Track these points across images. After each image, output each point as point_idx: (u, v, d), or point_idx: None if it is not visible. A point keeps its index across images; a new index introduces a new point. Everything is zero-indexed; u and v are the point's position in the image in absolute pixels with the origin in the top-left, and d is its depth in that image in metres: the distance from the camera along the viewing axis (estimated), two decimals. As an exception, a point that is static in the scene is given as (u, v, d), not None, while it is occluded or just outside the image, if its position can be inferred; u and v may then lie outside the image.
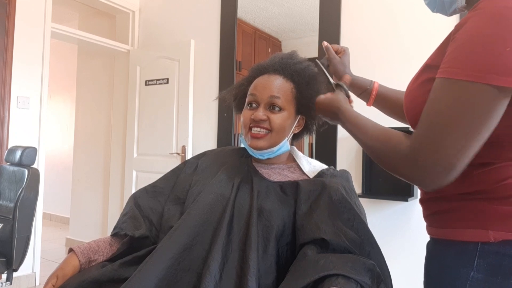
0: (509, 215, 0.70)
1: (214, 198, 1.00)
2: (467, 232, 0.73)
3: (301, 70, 1.08)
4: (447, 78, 0.66)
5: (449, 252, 0.75)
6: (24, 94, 3.00)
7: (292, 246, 0.93)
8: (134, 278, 0.85)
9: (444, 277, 0.75)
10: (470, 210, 0.73)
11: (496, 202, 0.71)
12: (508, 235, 0.69)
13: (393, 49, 2.44)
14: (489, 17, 0.65)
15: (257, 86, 1.07)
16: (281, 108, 1.04)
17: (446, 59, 0.68)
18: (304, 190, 0.98)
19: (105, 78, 4.06)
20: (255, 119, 1.04)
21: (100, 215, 3.99)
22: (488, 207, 0.72)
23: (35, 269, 3.08)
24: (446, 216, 0.77)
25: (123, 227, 1.07)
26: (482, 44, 0.64)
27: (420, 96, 0.74)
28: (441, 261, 0.77)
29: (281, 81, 1.06)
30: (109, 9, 3.77)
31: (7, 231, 2.20)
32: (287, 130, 1.06)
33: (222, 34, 3.21)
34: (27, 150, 2.38)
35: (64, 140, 5.38)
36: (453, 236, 0.75)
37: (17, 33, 2.94)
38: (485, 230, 0.71)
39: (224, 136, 3.16)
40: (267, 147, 1.05)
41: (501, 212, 0.71)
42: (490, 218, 0.71)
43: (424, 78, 0.76)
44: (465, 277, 0.71)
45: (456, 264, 0.73)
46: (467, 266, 0.71)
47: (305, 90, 1.06)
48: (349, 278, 0.77)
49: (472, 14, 0.68)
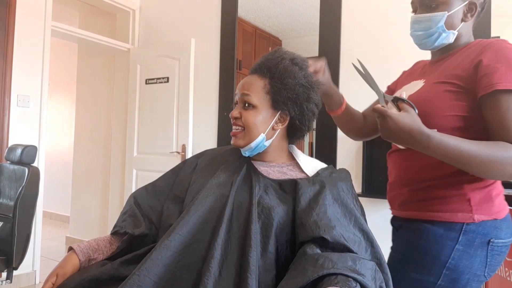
0: (486, 202, 0.99)
1: (213, 196, 1.00)
2: (456, 215, 0.98)
3: (273, 65, 1.08)
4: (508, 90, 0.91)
5: (439, 229, 1.00)
6: (24, 93, 3.00)
7: (291, 244, 0.93)
8: (134, 276, 0.85)
9: (432, 247, 1.00)
10: (459, 198, 0.99)
11: (477, 192, 0.99)
12: (485, 217, 0.98)
13: (393, 48, 2.44)
14: (506, 46, 0.97)
15: (237, 87, 1.12)
16: (252, 105, 1.06)
17: (495, 76, 0.92)
18: (303, 188, 0.98)
19: (106, 76, 4.05)
20: (231, 117, 1.10)
21: (100, 214, 4.00)
22: (473, 195, 0.98)
23: (35, 268, 3.08)
24: (437, 202, 1.01)
25: (123, 226, 1.08)
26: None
27: (438, 101, 1.00)
28: (430, 236, 1.01)
29: (255, 79, 1.09)
30: (110, 7, 3.77)
31: (7, 229, 2.20)
32: (260, 126, 1.06)
33: (222, 33, 3.21)
34: (27, 149, 2.38)
35: (64, 138, 5.38)
36: (443, 218, 1.00)
37: (17, 31, 2.93)
38: (470, 214, 0.98)
39: (224, 134, 3.16)
40: (244, 144, 1.07)
41: (481, 199, 0.99)
42: (474, 205, 0.98)
43: (440, 90, 1.01)
44: (451, 248, 0.98)
45: (444, 239, 0.99)
46: (453, 240, 0.98)
47: (277, 85, 1.06)
48: (349, 277, 0.77)
49: (482, 48, 0.99)
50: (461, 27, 1.06)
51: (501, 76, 0.92)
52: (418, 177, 1.06)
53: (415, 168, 1.07)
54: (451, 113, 0.99)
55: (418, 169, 1.06)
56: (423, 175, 1.05)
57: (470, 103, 0.98)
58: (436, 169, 1.02)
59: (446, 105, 1.00)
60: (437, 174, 1.02)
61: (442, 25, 1.04)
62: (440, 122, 0.99)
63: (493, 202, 1.00)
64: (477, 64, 0.96)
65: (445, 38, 1.06)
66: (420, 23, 1.07)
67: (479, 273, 0.99)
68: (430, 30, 1.05)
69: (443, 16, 1.03)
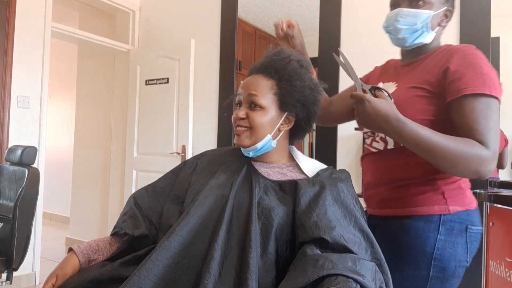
0: (458, 194, 1.07)
1: (213, 197, 1.00)
2: (433, 208, 1.05)
3: (281, 66, 1.07)
4: (476, 94, 0.96)
5: (419, 223, 1.05)
6: (24, 94, 3.00)
7: (291, 244, 0.93)
8: (134, 277, 0.85)
9: (416, 242, 1.05)
10: (434, 192, 1.06)
11: (449, 186, 1.06)
12: (459, 208, 1.06)
13: (393, 48, 2.44)
14: (472, 53, 1.02)
15: (241, 86, 1.10)
16: (260, 106, 1.05)
17: (462, 82, 0.98)
18: (303, 189, 0.98)
19: (105, 77, 4.06)
20: (236, 118, 1.07)
21: (100, 215, 3.99)
22: (446, 189, 1.06)
23: (35, 269, 3.08)
24: (415, 198, 1.07)
25: (122, 226, 1.07)
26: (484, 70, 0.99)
27: (411, 105, 1.05)
28: (412, 230, 1.06)
29: (262, 79, 1.07)
30: (110, 8, 3.77)
31: (7, 230, 2.20)
32: (267, 127, 1.06)
33: (222, 33, 3.21)
34: (27, 150, 2.38)
35: (64, 139, 5.38)
36: (422, 212, 1.05)
37: (17, 32, 2.94)
38: (446, 205, 1.05)
39: (224, 135, 3.16)
40: (249, 144, 1.06)
41: (454, 192, 1.06)
42: (448, 197, 1.05)
43: (412, 94, 1.07)
44: (434, 239, 1.03)
45: (426, 231, 1.04)
46: (434, 232, 1.04)
47: (285, 86, 1.06)
48: (349, 278, 0.77)
49: (450, 55, 1.04)
50: (438, 30, 1.11)
51: (468, 82, 0.98)
52: (393, 177, 1.11)
53: (389, 169, 1.12)
54: (422, 117, 1.04)
55: (393, 170, 1.11)
56: (398, 175, 1.10)
57: (439, 107, 1.04)
58: (411, 169, 1.08)
59: (418, 109, 1.05)
60: (411, 174, 1.08)
61: (427, 23, 1.07)
62: None
63: (464, 194, 1.09)
64: (445, 70, 1.02)
65: (425, 37, 1.09)
66: (405, 17, 1.07)
67: (462, 259, 1.06)
68: (414, 26, 1.07)
69: (429, 14, 1.07)
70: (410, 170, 1.08)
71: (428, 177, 1.06)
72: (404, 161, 1.07)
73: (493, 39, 2.12)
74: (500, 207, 1.60)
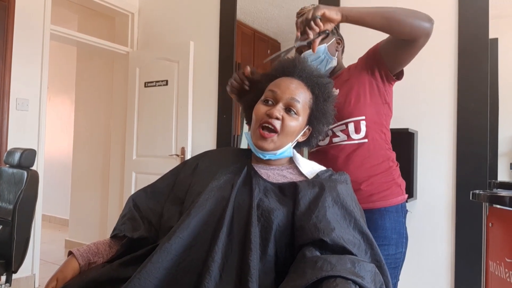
0: (403, 185, 1.38)
1: (213, 199, 1.00)
2: (398, 199, 1.33)
3: (323, 85, 1.12)
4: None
5: (393, 212, 1.32)
6: (23, 96, 3.00)
7: (291, 246, 0.93)
8: (134, 279, 0.85)
9: (395, 226, 1.32)
10: (395, 187, 1.34)
11: (399, 180, 1.37)
12: (404, 196, 1.37)
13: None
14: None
15: (280, 84, 1.09)
16: (297, 113, 1.06)
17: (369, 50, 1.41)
18: (303, 191, 0.98)
19: (105, 80, 4.06)
20: (271, 116, 1.04)
21: (99, 217, 3.99)
22: (400, 182, 1.37)
23: (35, 271, 3.07)
24: (387, 192, 1.32)
25: (122, 229, 1.08)
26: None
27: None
28: (392, 218, 1.31)
29: (303, 88, 1.09)
30: (108, 11, 3.77)
31: (6, 233, 2.20)
32: (294, 136, 1.08)
33: (221, 35, 3.22)
34: (26, 152, 2.38)
35: (63, 142, 5.38)
36: (393, 203, 1.32)
37: (16, 34, 2.94)
38: (402, 196, 1.35)
39: (223, 137, 3.16)
40: (272, 148, 1.06)
41: (402, 183, 1.37)
42: (402, 188, 1.37)
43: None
44: (402, 222, 1.34)
45: (398, 217, 1.33)
46: (402, 217, 1.34)
47: (321, 104, 1.11)
48: (348, 279, 0.77)
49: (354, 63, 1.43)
50: (337, 54, 1.46)
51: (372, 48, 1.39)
52: (356, 178, 1.29)
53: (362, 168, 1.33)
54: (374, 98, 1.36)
55: (353, 169, 1.31)
56: (360, 176, 1.31)
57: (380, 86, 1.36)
58: (367, 170, 1.32)
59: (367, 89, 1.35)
60: (371, 173, 1.32)
61: (327, 52, 1.37)
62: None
63: (403, 184, 1.39)
64: (358, 64, 1.41)
65: (331, 62, 1.41)
66: (310, 56, 1.34)
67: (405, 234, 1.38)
68: (319, 58, 1.37)
69: (325, 47, 1.37)
70: (367, 171, 1.32)
71: (384, 169, 1.33)
72: (357, 163, 1.33)
73: (492, 40, 2.12)
74: (499, 208, 1.60)
